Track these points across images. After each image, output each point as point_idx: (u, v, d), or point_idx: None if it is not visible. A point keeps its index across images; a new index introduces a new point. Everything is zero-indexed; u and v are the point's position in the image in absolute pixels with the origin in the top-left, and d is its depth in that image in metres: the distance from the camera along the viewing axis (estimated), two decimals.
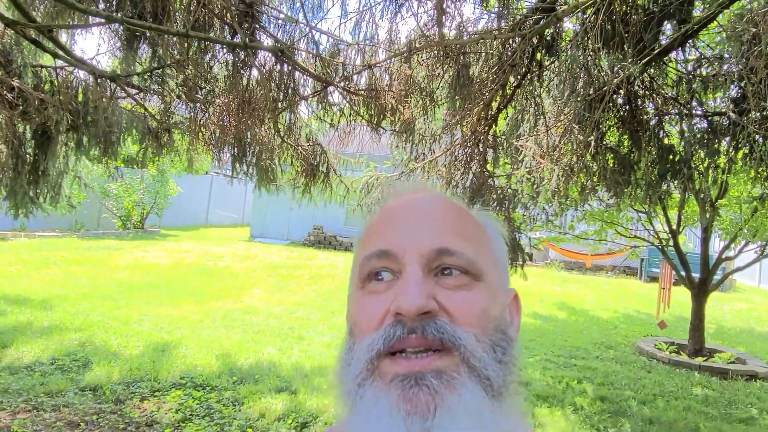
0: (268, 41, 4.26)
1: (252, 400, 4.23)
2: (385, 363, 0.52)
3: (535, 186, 4.33)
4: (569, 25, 4.11)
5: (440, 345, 0.51)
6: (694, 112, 3.77)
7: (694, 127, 3.74)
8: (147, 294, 7.81)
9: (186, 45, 3.94)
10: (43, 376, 4.38)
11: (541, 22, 3.40)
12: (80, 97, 4.26)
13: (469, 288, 0.54)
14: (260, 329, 6.41)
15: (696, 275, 6.88)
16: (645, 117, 3.90)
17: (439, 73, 4.24)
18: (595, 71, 3.56)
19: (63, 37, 4.48)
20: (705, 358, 6.51)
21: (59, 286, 7.81)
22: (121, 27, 4.14)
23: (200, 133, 4.50)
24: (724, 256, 6.95)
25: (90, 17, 4.10)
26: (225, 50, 4.04)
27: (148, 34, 4.19)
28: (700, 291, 6.81)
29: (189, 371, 4.78)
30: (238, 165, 4.68)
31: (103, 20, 3.90)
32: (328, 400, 4.32)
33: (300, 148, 4.63)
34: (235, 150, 4.65)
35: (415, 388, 0.49)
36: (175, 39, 3.98)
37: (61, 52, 4.12)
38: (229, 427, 3.79)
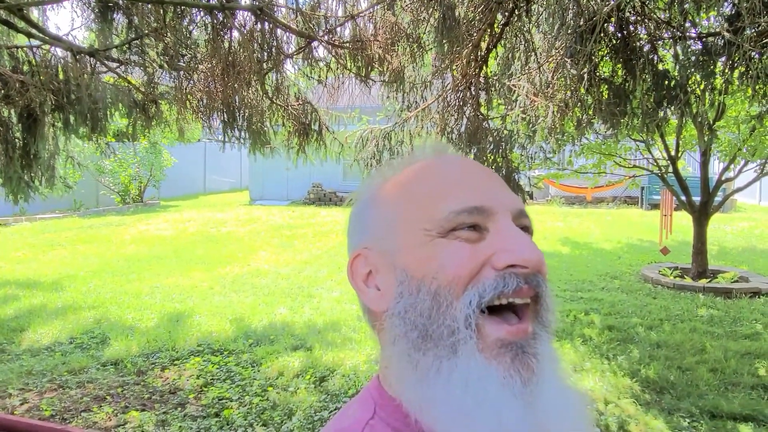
0: (245, 0, 4.12)
1: (269, 360, 4.35)
2: (484, 321, 0.51)
3: (530, 125, 4.28)
4: None
5: (538, 295, 0.54)
6: (687, 34, 3.68)
7: (689, 50, 3.65)
8: (155, 266, 7.90)
9: (161, 12, 3.82)
10: (64, 356, 4.49)
11: None
12: (61, 76, 4.17)
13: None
14: (270, 291, 6.51)
15: (697, 199, 6.90)
16: (638, 44, 3.81)
17: (424, 18, 4.12)
18: (585, 1, 3.45)
19: (35, 14, 4.35)
20: (709, 280, 6.62)
21: (68, 266, 7.89)
22: None
23: (187, 102, 4.42)
24: (723, 178, 6.95)
25: None
26: (202, 14, 3.92)
27: (121, 3, 4.06)
28: (701, 214, 6.85)
29: (205, 338, 4.89)
30: (229, 130, 4.62)
31: None
32: (344, 354, 4.44)
33: (290, 107, 4.56)
34: (225, 115, 4.58)
35: (524, 357, 0.51)
36: (149, 6, 3.86)
37: (34, 31, 4.01)
38: (251, 387, 3.91)
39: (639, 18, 3.79)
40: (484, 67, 4.48)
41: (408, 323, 0.53)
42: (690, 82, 3.64)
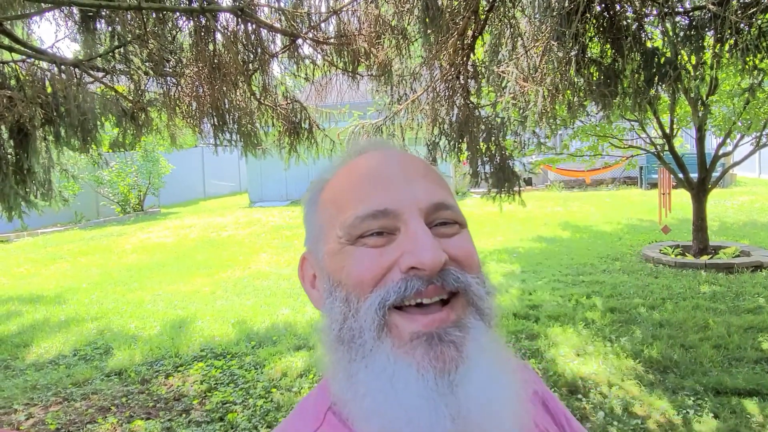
0: (226, 1, 4.10)
1: (273, 362, 4.35)
2: (396, 319, 0.52)
3: (521, 111, 4.25)
4: None
5: (453, 291, 0.53)
6: (674, 10, 3.64)
7: (676, 26, 3.61)
8: (157, 274, 7.90)
9: (143, 18, 3.79)
10: (68, 368, 4.50)
11: None
12: (49, 89, 4.16)
13: (460, 235, 0.57)
14: (272, 292, 6.51)
15: (695, 176, 6.86)
16: (625, 22, 3.77)
17: (408, 9, 4.09)
18: None
19: (19, 27, 4.33)
20: (710, 256, 6.59)
21: (70, 279, 7.90)
22: (74, 9, 3.98)
23: (176, 108, 4.41)
24: (720, 153, 6.91)
25: (41, 3, 3.93)
26: (184, 18, 3.90)
27: (102, 13, 4.04)
28: (700, 190, 6.81)
29: (208, 343, 4.89)
30: (220, 134, 4.60)
31: (52, 5, 3.75)
32: None
33: (279, 107, 4.54)
34: (215, 119, 4.56)
35: (440, 345, 0.50)
36: (131, 14, 3.84)
37: (18, 46, 3.99)
38: (254, 389, 3.91)
39: None
40: (472, 55, 4.45)
41: (329, 326, 0.56)
42: (679, 59, 3.60)
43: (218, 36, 3.98)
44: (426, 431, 0.48)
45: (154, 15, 3.84)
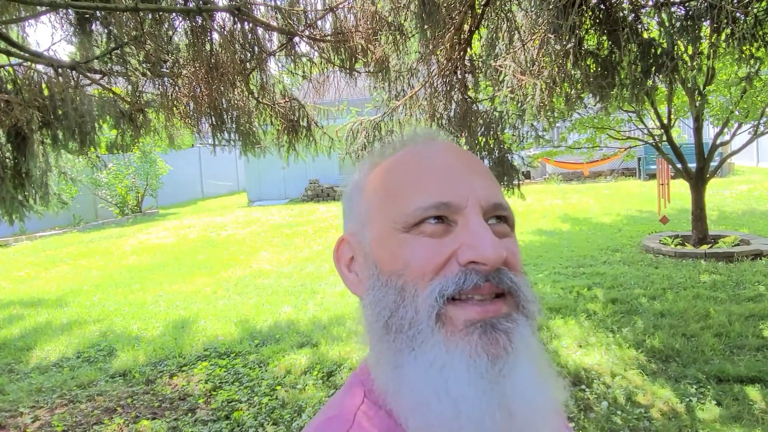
0: (222, 1, 4.09)
1: (276, 359, 4.37)
2: (450, 309, 0.51)
3: (519, 104, 4.25)
4: None
5: (505, 291, 0.54)
6: (670, 0, 3.64)
7: (673, 16, 3.62)
8: (158, 275, 7.91)
9: (139, 19, 3.79)
10: (72, 370, 4.51)
11: None
12: (46, 92, 4.15)
13: (511, 238, 0.57)
14: (273, 291, 6.52)
15: (693, 166, 6.88)
16: (622, 14, 3.77)
17: (404, 4, 4.09)
18: None
19: (15, 30, 4.32)
20: (709, 245, 6.61)
21: (71, 282, 7.91)
22: (70, 11, 3.98)
23: (174, 108, 4.40)
24: (718, 142, 6.92)
25: (36, 7, 3.92)
26: (180, 18, 3.90)
27: (98, 14, 4.03)
28: (698, 180, 6.83)
29: (211, 342, 4.90)
30: (218, 134, 4.60)
31: (48, 8, 3.74)
32: (350, 347, 4.45)
33: (277, 106, 4.54)
34: (213, 119, 4.56)
35: (494, 333, 0.51)
36: (127, 15, 3.83)
37: (14, 49, 3.98)
38: (259, 387, 3.92)
39: None
40: (468, 50, 4.45)
41: (375, 314, 0.55)
42: (676, 49, 3.61)
43: (215, 35, 3.98)
44: (474, 422, 0.48)
45: (150, 16, 3.84)
